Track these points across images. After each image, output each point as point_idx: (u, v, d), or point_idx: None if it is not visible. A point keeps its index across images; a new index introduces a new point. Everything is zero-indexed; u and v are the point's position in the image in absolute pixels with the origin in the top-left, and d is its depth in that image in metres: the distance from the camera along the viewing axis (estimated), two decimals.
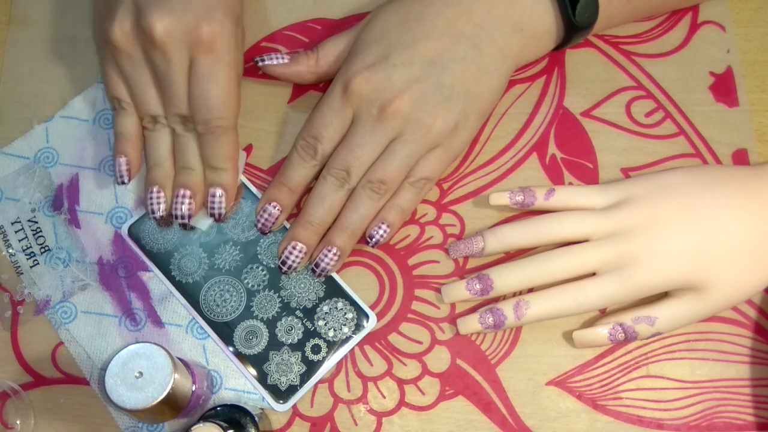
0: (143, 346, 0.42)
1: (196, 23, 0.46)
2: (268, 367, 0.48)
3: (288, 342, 0.48)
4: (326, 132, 0.48)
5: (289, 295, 0.49)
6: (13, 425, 0.48)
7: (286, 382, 0.47)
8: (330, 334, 0.48)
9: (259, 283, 0.49)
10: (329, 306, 0.49)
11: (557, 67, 0.54)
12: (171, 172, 0.49)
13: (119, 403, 0.41)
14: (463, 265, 0.50)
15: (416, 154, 0.47)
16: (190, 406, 0.44)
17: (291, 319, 0.48)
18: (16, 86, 0.55)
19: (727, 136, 0.51)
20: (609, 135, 0.52)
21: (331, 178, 0.48)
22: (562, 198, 0.48)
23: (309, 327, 0.48)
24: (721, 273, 0.45)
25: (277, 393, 0.47)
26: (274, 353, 0.48)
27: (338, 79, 0.49)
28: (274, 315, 0.49)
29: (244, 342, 0.48)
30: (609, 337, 0.46)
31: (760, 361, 0.47)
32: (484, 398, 0.47)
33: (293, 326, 0.48)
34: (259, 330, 0.48)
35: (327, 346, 0.48)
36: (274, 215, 0.49)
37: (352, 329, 0.48)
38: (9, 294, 0.51)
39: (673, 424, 0.46)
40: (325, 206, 0.48)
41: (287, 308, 0.49)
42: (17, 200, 0.52)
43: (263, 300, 0.49)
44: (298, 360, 0.48)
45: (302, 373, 0.47)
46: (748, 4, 0.54)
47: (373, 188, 0.47)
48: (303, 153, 0.49)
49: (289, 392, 0.47)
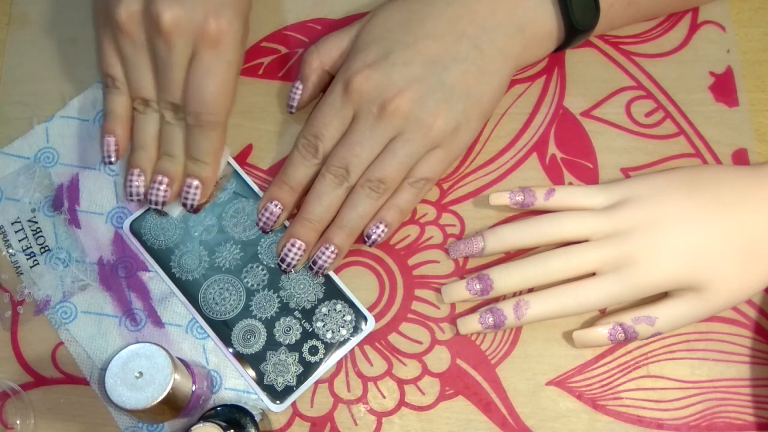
0: (143, 346, 0.42)
1: (204, 17, 0.46)
2: (265, 367, 0.48)
3: (286, 342, 0.48)
4: (327, 131, 0.48)
5: (289, 295, 0.49)
6: (13, 425, 0.48)
7: (283, 382, 0.47)
8: (328, 335, 0.48)
9: (258, 283, 0.49)
10: (328, 308, 0.49)
11: (557, 67, 0.54)
12: (154, 157, 0.50)
13: (119, 403, 0.41)
14: (463, 265, 0.50)
15: (416, 154, 0.47)
16: (190, 406, 0.44)
17: (289, 319, 0.48)
18: (16, 86, 0.55)
19: (727, 136, 0.51)
20: (609, 135, 0.52)
21: (330, 176, 0.48)
22: (562, 198, 0.48)
23: (307, 328, 0.48)
24: (721, 273, 0.45)
25: (273, 393, 0.47)
26: (271, 353, 0.48)
27: (339, 77, 0.49)
28: (272, 315, 0.49)
29: (241, 341, 0.48)
30: (609, 337, 0.46)
31: (760, 361, 0.47)
32: (484, 398, 0.47)
33: (291, 327, 0.48)
34: (258, 330, 0.48)
35: (324, 347, 0.48)
36: (276, 214, 0.49)
37: (350, 332, 0.48)
38: (9, 294, 0.51)
39: (673, 424, 0.46)
40: (324, 204, 0.48)
41: (286, 309, 0.49)
42: (17, 200, 0.52)
43: (262, 300, 0.49)
44: (295, 361, 0.48)
45: (299, 374, 0.47)
46: (748, 4, 0.54)
47: (372, 187, 0.47)
48: (304, 151, 0.49)
49: (286, 393, 0.47)
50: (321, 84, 0.51)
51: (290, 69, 0.55)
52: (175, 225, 0.50)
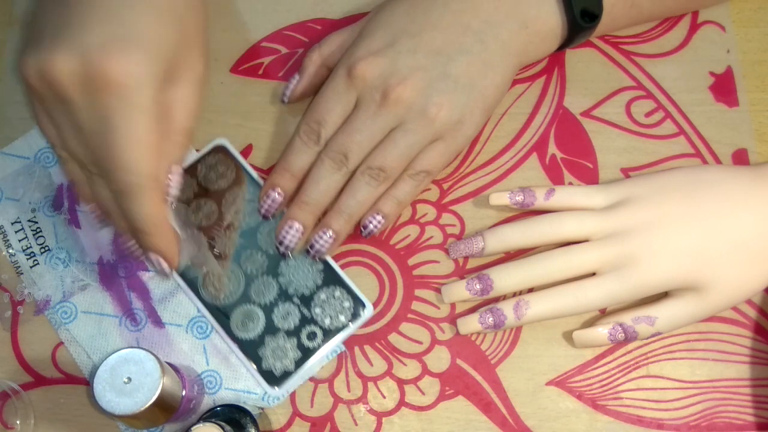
0: (132, 352, 0.42)
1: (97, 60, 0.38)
2: (263, 352, 0.48)
3: (284, 328, 0.48)
4: (329, 116, 0.48)
5: (287, 281, 0.49)
6: (13, 425, 0.48)
7: (281, 367, 0.47)
8: (326, 321, 0.48)
9: (257, 269, 0.49)
10: (327, 294, 0.49)
11: (557, 67, 0.54)
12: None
13: (108, 408, 0.41)
14: (463, 265, 0.50)
15: (417, 145, 0.47)
16: (181, 410, 0.44)
17: (288, 305, 0.49)
18: (16, 86, 0.55)
19: (727, 136, 0.51)
20: (609, 135, 0.52)
21: (329, 160, 0.47)
22: (562, 198, 0.48)
23: (306, 314, 0.48)
24: (721, 273, 0.45)
25: (271, 378, 0.47)
26: (269, 338, 0.48)
27: (342, 63, 0.49)
28: (271, 300, 0.49)
29: (240, 326, 0.48)
30: (609, 337, 0.46)
31: (760, 361, 0.47)
32: (484, 398, 0.47)
33: (290, 312, 0.48)
34: (256, 315, 0.49)
35: (323, 333, 0.48)
36: (277, 201, 0.49)
37: (348, 318, 0.48)
38: (9, 294, 0.51)
39: (673, 424, 0.46)
40: (321, 188, 0.48)
41: (285, 294, 0.49)
42: (17, 200, 0.52)
43: (261, 285, 0.49)
44: (293, 346, 0.48)
45: (297, 359, 0.48)
46: (748, 4, 0.54)
47: (372, 175, 0.47)
48: (305, 138, 0.48)
49: (283, 377, 0.47)
50: (318, 77, 0.51)
51: (290, 69, 0.55)
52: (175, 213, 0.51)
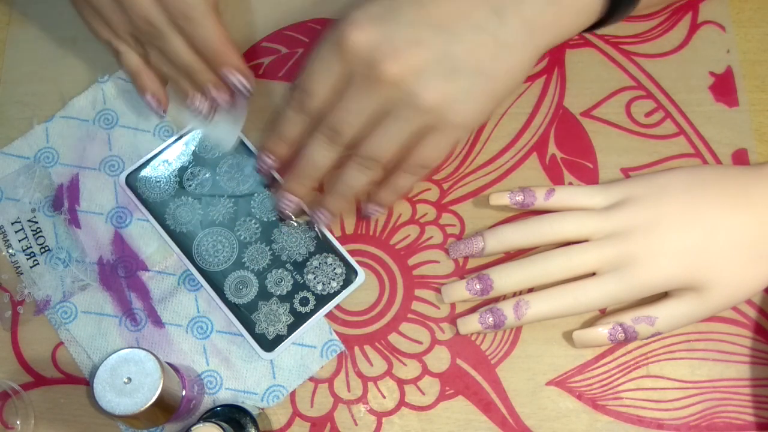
0: (132, 352, 0.42)
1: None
2: (256, 317, 0.49)
3: (277, 293, 0.49)
4: (317, 87, 0.45)
5: (281, 248, 0.50)
6: (13, 425, 0.48)
7: (274, 331, 0.48)
8: (318, 287, 0.49)
9: (251, 236, 0.50)
10: (319, 260, 0.49)
11: (557, 67, 0.54)
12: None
13: (108, 409, 0.41)
14: (463, 265, 0.50)
15: (407, 131, 0.44)
16: (181, 410, 0.44)
17: (281, 271, 0.49)
18: (16, 86, 0.55)
19: (727, 136, 0.51)
20: (609, 135, 0.52)
21: (321, 136, 0.46)
22: (562, 198, 0.48)
23: (298, 280, 0.49)
24: (721, 273, 0.45)
25: (264, 342, 0.48)
26: (263, 303, 0.49)
27: (335, 25, 0.44)
28: (264, 267, 0.49)
29: (234, 291, 0.49)
30: (609, 337, 0.46)
31: (760, 361, 0.47)
32: (484, 398, 0.47)
33: (283, 278, 0.49)
34: (250, 280, 0.49)
35: (315, 299, 0.49)
36: (270, 164, 0.49)
37: (340, 284, 0.49)
38: (9, 294, 0.51)
39: (673, 424, 0.46)
40: (315, 163, 0.47)
41: (278, 261, 0.50)
42: (17, 200, 0.52)
43: (255, 252, 0.50)
44: (286, 311, 0.48)
45: (290, 323, 0.48)
46: (748, 4, 0.54)
47: (364, 164, 0.46)
48: (294, 106, 0.46)
49: (276, 342, 0.48)
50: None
51: (290, 69, 0.55)
52: (170, 179, 0.51)
